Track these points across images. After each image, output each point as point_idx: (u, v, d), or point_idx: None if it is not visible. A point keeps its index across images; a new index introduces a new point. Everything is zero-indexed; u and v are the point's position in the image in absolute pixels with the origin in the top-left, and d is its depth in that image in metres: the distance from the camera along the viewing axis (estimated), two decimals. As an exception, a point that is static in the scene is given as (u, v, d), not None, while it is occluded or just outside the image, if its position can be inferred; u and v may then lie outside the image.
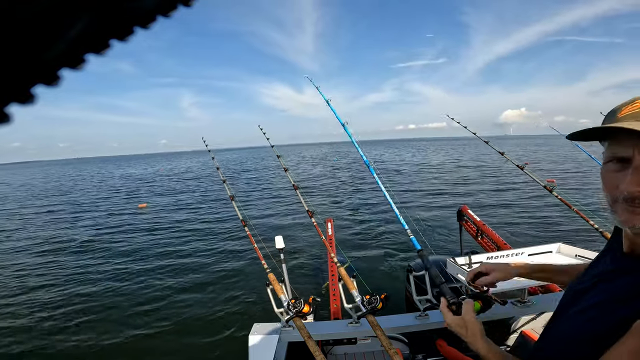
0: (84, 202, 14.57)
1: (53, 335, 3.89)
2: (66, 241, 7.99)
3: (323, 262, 5.31)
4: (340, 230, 7.26)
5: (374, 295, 1.47)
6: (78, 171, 42.70)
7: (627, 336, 0.48)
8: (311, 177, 18.50)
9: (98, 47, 0.14)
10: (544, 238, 6.46)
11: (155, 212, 11.08)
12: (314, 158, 40.31)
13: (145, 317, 4.18)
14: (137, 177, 26.18)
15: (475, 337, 0.75)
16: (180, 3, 0.15)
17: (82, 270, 5.91)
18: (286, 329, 1.75)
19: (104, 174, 33.32)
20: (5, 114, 0.13)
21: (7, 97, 0.13)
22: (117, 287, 5.08)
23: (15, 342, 3.75)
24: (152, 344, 3.65)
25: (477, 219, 3.13)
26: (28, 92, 0.13)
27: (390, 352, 1.25)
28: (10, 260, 6.75)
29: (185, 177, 23.97)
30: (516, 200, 10.23)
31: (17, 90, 0.13)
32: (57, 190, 18.83)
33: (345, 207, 10.24)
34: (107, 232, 8.75)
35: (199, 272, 5.53)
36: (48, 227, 9.71)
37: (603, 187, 0.57)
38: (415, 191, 12.47)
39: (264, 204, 11.22)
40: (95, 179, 27.52)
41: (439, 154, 35.31)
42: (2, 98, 0.13)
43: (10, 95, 0.13)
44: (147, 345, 3.63)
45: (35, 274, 5.89)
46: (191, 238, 7.65)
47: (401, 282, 3.73)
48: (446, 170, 19.92)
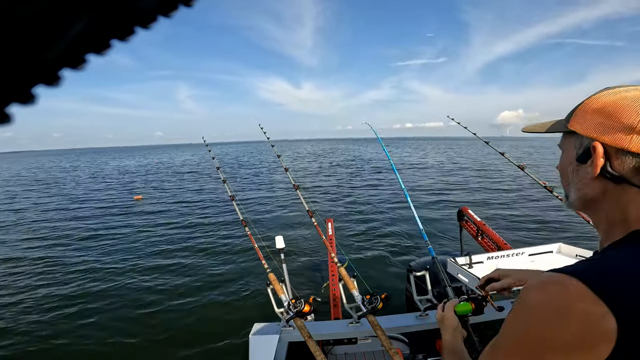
0: (76, 194, 14.36)
1: (41, 340, 3.81)
2: (55, 237, 7.83)
3: (323, 262, 5.31)
4: (341, 230, 7.26)
5: (374, 295, 1.47)
6: (71, 162, 41.83)
7: (506, 322, 0.48)
8: (309, 175, 18.50)
9: (98, 47, 0.14)
10: (544, 238, 6.46)
11: (151, 205, 11.01)
12: (311, 154, 40.16)
13: (143, 318, 4.18)
14: (132, 169, 25.97)
15: (447, 331, 0.80)
16: (181, 3, 0.15)
17: (73, 269, 5.89)
18: (286, 328, 1.75)
19: (98, 165, 33.03)
20: (6, 114, 0.13)
21: (8, 97, 0.13)
22: (115, 287, 5.08)
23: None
24: (152, 343, 3.65)
25: (477, 219, 3.13)
26: (29, 93, 0.13)
27: (390, 352, 1.25)
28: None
29: (182, 170, 23.85)
30: (516, 200, 10.23)
31: (17, 91, 0.13)
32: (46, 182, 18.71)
33: (346, 207, 10.25)
34: (101, 226, 8.66)
35: (198, 272, 5.53)
36: (37, 222, 9.59)
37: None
38: (415, 190, 12.47)
39: (264, 204, 11.22)
40: (89, 170, 27.13)
41: (437, 154, 35.30)
42: (3, 98, 0.13)
43: (11, 96, 0.13)
44: (147, 345, 3.63)
45: (18, 272, 5.84)
46: (190, 236, 7.65)
47: (402, 282, 3.73)
48: (445, 170, 19.93)
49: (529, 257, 1.99)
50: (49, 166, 35.70)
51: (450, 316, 0.84)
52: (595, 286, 0.40)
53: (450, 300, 0.90)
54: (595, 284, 0.40)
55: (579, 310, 0.40)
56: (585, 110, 0.52)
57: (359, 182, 15.42)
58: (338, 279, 1.71)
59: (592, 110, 0.51)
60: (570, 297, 0.41)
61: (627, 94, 0.49)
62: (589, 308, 0.40)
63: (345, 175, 18.62)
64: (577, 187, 0.54)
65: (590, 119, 0.51)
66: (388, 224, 7.81)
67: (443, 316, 0.86)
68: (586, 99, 0.54)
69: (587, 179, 0.51)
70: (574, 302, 0.41)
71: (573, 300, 0.41)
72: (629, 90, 0.50)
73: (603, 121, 0.49)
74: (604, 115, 0.49)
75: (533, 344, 0.43)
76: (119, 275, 5.54)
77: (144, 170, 25.19)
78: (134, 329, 3.95)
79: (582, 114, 0.53)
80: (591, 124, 0.51)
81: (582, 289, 0.40)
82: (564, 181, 0.58)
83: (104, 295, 4.81)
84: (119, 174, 22.18)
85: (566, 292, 0.42)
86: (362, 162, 25.77)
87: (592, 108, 0.51)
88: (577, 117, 0.54)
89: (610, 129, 0.48)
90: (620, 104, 0.48)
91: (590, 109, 0.52)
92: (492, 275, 0.93)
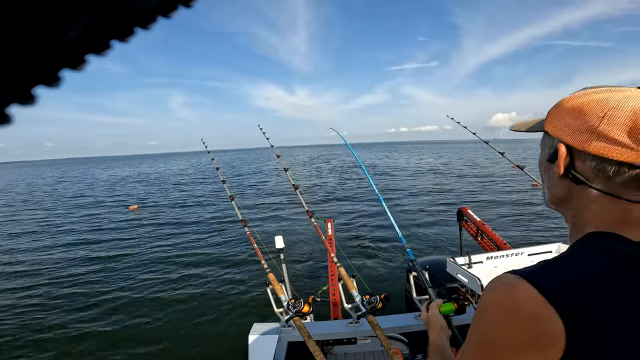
0: (70, 203, 14.33)
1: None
2: (52, 247, 7.83)
3: (323, 262, 5.31)
4: (340, 231, 7.26)
5: (373, 295, 1.47)
6: (62, 173, 40.92)
7: (471, 324, 0.49)
8: (309, 180, 18.49)
9: (99, 48, 0.14)
10: (544, 238, 6.46)
11: (147, 214, 10.99)
12: (311, 159, 40.14)
13: (143, 318, 4.18)
14: (124, 179, 25.88)
15: (433, 329, 0.83)
16: (181, 4, 0.15)
17: (73, 277, 5.90)
18: (286, 328, 1.75)
19: (93, 174, 32.84)
20: (6, 115, 0.13)
21: (8, 98, 0.13)
22: (115, 287, 5.08)
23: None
24: (152, 344, 3.64)
25: (477, 219, 3.13)
26: (29, 93, 0.13)
27: (390, 352, 1.25)
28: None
29: (177, 178, 23.83)
30: (516, 200, 10.24)
31: (17, 91, 0.13)
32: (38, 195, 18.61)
33: (346, 207, 10.25)
34: (98, 235, 8.57)
35: (198, 272, 5.53)
36: (31, 234, 9.55)
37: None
38: (414, 192, 12.48)
39: (264, 204, 11.21)
40: (85, 180, 26.96)
41: (432, 157, 35.28)
42: (3, 99, 0.13)
43: (11, 96, 0.13)
44: (147, 345, 3.63)
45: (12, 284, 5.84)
46: (189, 237, 7.65)
47: (401, 282, 3.73)
48: (442, 171, 19.94)
49: (528, 257, 1.99)
50: (50, 175, 35.30)
51: (435, 314, 0.87)
52: (543, 288, 0.41)
53: (434, 301, 0.93)
54: (543, 286, 0.41)
55: (526, 311, 0.41)
56: (558, 111, 0.53)
57: (357, 184, 15.43)
58: (338, 279, 1.70)
59: (562, 111, 0.52)
60: (518, 299, 0.42)
61: (595, 96, 0.49)
62: (536, 309, 0.41)
63: (343, 177, 18.62)
64: (548, 186, 0.55)
65: (559, 120, 0.51)
66: (388, 223, 7.81)
67: (428, 316, 0.88)
68: (560, 100, 0.54)
69: (555, 178, 0.52)
70: (521, 303, 0.42)
71: (521, 302, 0.42)
72: (600, 92, 0.50)
73: (570, 122, 0.50)
74: (572, 116, 0.50)
75: (488, 345, 0.45)
76: (118, 276, 5.53)
77: (138, 178, 25.08)
78: (133, 329, 3.94)
79: (554, 114, 0.53)
80: (559, 125, 0.51)
81: (530, 291, 0.41)
82: (541, 180, 0.59)
83: (104, 296, 4.81)
84: (111, 184, 22.02)
85: (515, 293, 0.43)
86: (356, 167, 25.77)
87: (563, 109, 0.52)
88: (550, 117, 0.54)
89: (574, 130, 0.49)
90: (586, 106, 0.48)
91: (561, 110, 0.52)
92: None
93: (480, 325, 0.47)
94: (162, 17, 0.15)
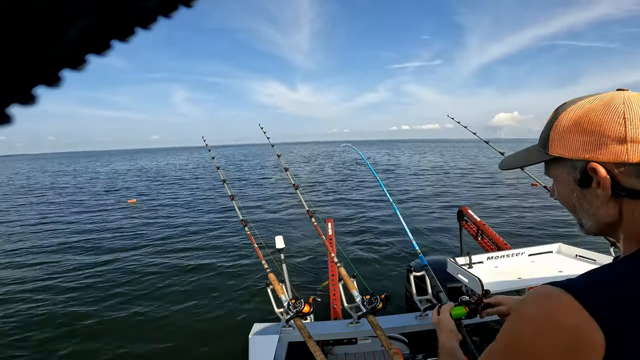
0: (70, 197, 14.20)
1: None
2: (48, 244, 7.84)
3: (323, 262, 5.31)
4: (341, 231, 7.26)
5: (374, 295, 1.47)
6: (66, 166, 41.00)
7: (501, 331, 0.48)
8: (310, 177, 18.50)
9: (99, 48, 0.14)
10: (544, 238, 6.46)
11: (147, 209, 10.95)
12: (313, 156, 40.17)
13: (143, 318, 4.18)
14: (125, 172, 25.82)
15: (443, 332, 0.83)
16: (182, 3, 0.15)
17: (69, 274, 5.90)
18: (286, 329, 1.75)
19: (94, 167, 32.77)
20: (6, 115, 0.13)
21: (8, 97, 0.13)
22: (114, 287, 5.08)
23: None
24: (152, 344, 3.64)
25: (477, 219, 3.13)
26: (29, 93, 0.13)
27: (390, 352, 1.25)
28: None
29: (178, 173, 23.80)
30: (516, 200, 10.23)
31: (18, 91, 0.13)
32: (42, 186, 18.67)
33: (346, 207, 10.25)
34: (95, 230, 8.56)
35: (198, 272, 5.53)
36: (35, 225, 9.60)
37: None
38: (414, 190, 12.48)
39: (264, 204, 11.21)
40: (86, 174, 26.95)
41: (435, 155, 35.31)
42: (3, 99, 0.13)
43: (12, 96, 0.13)
44: (147, 345, 3.63)
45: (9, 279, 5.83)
46: (188, 237, 7.64)
47: (401, 282, 3.73)
48: (442, 171, 19.93)
49: (528, 257, 1.99)
50: (51, 170, 35.42)
51: (446, 318, 0.88)
52: (587, 302, 0.41)
53: (445, 304, 0.94)
54: (587, 300, 0.41)
55: (567, 324, 0.41)
56: (561, 132, 0.50)
57: (358, 182, 15.43)
58: (338, 279, 1.71)
59: (568, 131, 0.49)
60: (560, 311, 0.42)
61: (593, 106, 0.47)
62: (578, 323, 0.40)
63: (344, 173, 18.63)
64: (591, 212, 0.50)
65: (573, 140, 0.48)
66: (388, 224, 7.80)
67: (439, 319, 0.89)
68: (555, 121, 0.52)
69: (599, 201, 0.48)
70: (563, 315, 0.41)
71: (563, 314, 0.41)
72: (590, 101, 0.48)
73: (588, 139, 0.47)
74: (585, 132, 0.47)
75: (521, 351, 0.44)
76: (118, 276, 5.53)
77: (139, 172, 25.05)
78: (133, 329, 3.94)
79: (560, 136, 0.50)
80: (577, 145, 0.48)
81: (573, 304, 0.41)
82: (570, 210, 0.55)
83: (103, 295, 4.81)
84: (111, 178, 22.01)
85: (558, 305, 0.42)
86: (358, 164, 25.76)
87: (567, 128, 0.49)
88: (555, 141, 0.51)
89: (598, 145, 0.46)
90: (594, 117, 0.46)
91: (566, 130, 0.49)
92: (489, 300, 0.97)
93: (514, 331, 0.47)
94: (163, 17, 0.15)
